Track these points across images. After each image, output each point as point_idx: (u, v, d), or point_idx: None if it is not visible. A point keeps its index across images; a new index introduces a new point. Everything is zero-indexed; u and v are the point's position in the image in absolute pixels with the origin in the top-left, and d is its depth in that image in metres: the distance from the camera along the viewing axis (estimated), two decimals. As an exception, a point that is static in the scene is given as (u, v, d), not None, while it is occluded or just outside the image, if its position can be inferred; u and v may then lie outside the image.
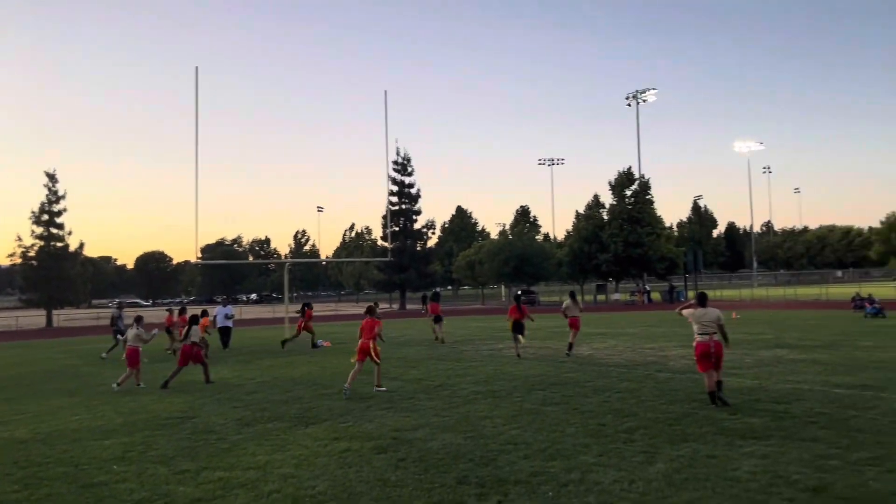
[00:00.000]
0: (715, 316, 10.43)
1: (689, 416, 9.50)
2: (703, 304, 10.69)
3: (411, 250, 63.54)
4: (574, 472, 7.09)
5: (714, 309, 10.55)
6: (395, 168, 64.76)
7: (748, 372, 13.71)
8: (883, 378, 12.28)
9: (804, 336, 22.14)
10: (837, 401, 10.22)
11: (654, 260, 63.42)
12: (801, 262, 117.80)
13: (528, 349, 20.14)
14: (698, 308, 10.66)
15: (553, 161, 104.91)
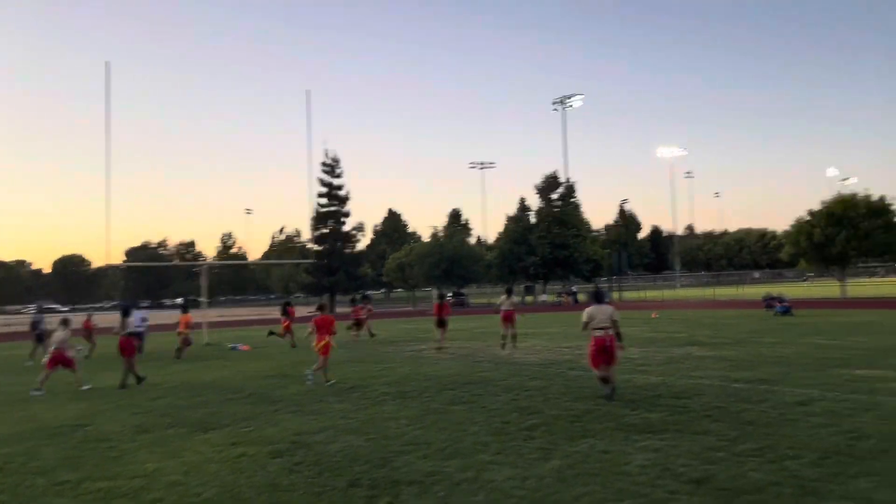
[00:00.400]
0: (610, 312, 10.85)
1: (591, 413, 9.62)
2: (599, 302, 11.07)
3: (340, 252, 62.85)
4: (469, 470, 7.04)
5: (609, 306, 11.03)
6: (324, 169, 64.02)
7: (656, 369, 14.06)
8: (779, 372, 12.77)
9: (716, 334, 22.89)
10: (734, 395, 10.54)
11: (580, 262, 64.69)
12: (720, 264, 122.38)
13: (449, 349, 20.16)
14: (594, 305, 11.00)
15: (484, 164, 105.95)
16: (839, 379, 11.71)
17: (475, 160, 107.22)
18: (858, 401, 9.63)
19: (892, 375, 11.90)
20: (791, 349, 16.93)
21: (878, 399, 9.70)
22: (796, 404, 9.58)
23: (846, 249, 51.57)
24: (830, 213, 53.32)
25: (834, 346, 17.22)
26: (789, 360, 14.74)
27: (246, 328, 40.54)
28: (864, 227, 51.47)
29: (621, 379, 12.67)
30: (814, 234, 53.07)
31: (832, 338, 19.93)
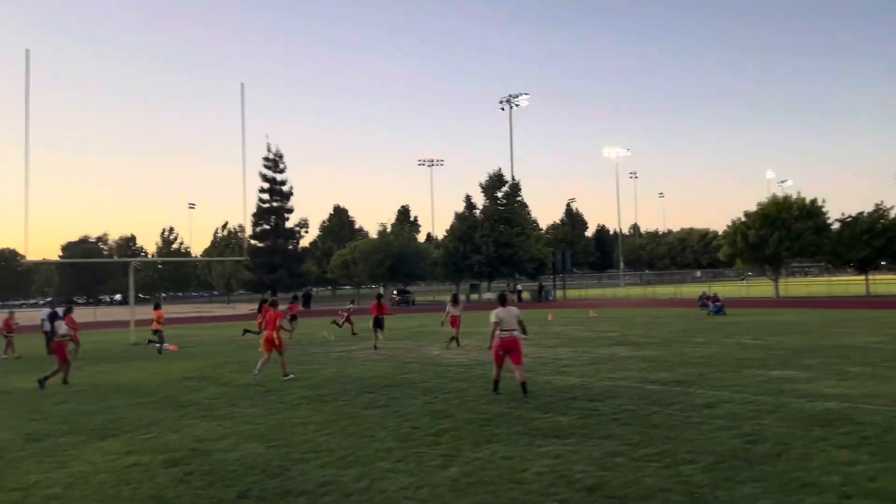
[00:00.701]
0: (516, 314, 11.26)
1: (503, 416, 9.53)
2: (503, 304, 11.49)
3: (282, 249, 61.86)
4: (365, 479, 6.85)
5: (515, 308, 11.47)
6: (266, 164, 62.90)
7: (578, 370, 14.09)
8: (697, 373, 12.93)
9: (647, 333, 23.23)
10: (647, 397, 10.60)
11: (525, 260, 65.16)
12: (663, 263, 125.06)
13: (381, 350, 19.95)
14: (501, 308, 11.35)
15: (433, 162, 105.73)
16: (752, 380, 11.91)
17: (423, 158, 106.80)
18: (764, 403, 9.77)
19: (802, 377, 12.17)
20: (714, 349, 17.24)
21: (784, 401, 9.87)
22: (704, 406, 9.67)
23: (779, 250, 53.14)
24: (765, 215, 54.86)
25: (756, 347, 17.61)
26: (709, 360, 14.98)
27: (181, 326, 39.51)
28: (796, 228, 53.13)
29: (542, 381, 12.68)
30: (749, 235, 54.55)
31: (757, 338, 20.41)
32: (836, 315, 31.23)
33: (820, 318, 29.17)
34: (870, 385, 10.98)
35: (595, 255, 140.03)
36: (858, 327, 23.20)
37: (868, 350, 16.08)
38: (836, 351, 16.03)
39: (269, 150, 63.07)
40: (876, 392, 10.33)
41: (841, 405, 9.41)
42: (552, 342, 20.74)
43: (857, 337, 19.58)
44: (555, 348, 18.88)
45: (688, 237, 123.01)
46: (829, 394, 10.33)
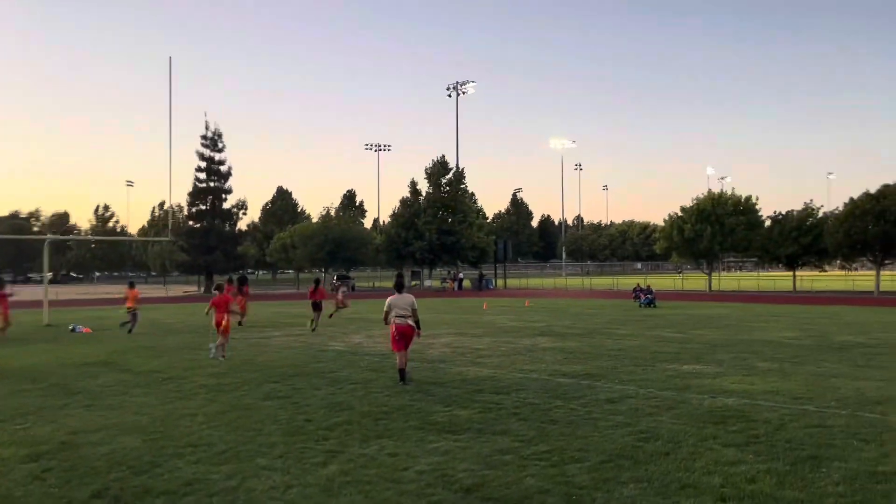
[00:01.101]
0: (409, 301, 11.33)
1: (402, 409, 9.22)
2: (399, 290, 11.52)
3: (219, 231, 60.26)
4: (236, 477, 6.44)
5: (409, 295, 11.54)
6: (204, 143, 61.02)
7: (493, 361, 13.90)
8: (610, 367, 12.88)
9: (574, 324, 23.32)
10: (553, 391, 10.44)
11: (466, 248, 65.08)
12: (604, 254, 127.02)
13: (303, 336, 19.44)
14: (395, 295, 11.43)
15: (380, 147, 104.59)
16: (662, 375, 11.91)
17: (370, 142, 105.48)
18: (667, 399, 9.72)
19: (711, 371, 12.23)
20: (634, 342, 17.32)
21: (686, 397, 9.84)
22: (607, 402, 9.55)
23: (712, 245, 54.36)
24: (700, 210, 56.01)
25: (676, 340, 17.78)
26: (626, 353, 15.00)
27: (99, 308, 38.06)
28: (729, 223, 54.42)
29: (453, 372, 12.44)
30: (685, 230, 55.64)
31: (679, 330, 20.66)
32: (761, 309, 32.04)
33: (745, 313, 29.84)
34: (772, 381, 11.07)
35: (539, 245, 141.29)
36: (779, 322, 23.77)
37: (781, 345, 16.37)
38: (751, 346, 16.27)
39: (207, 129, 61.18)
40: (777, 388, 10.40)
41: (740, 402, 9.41)
42: (477, 331, 20.58)
43: (775, 332, 19.99)
44: (478, 338, 18.71)
45: (628, 230, 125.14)
46: (731, 390, 10.35)
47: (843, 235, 47.27)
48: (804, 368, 12.48)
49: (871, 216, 46.25)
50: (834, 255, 51.11)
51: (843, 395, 9.81)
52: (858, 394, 9.87)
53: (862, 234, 46.32)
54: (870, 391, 10.07)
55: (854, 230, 46.62)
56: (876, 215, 46.11)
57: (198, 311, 31.22)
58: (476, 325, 23.24)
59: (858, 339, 17.97)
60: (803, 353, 14.73)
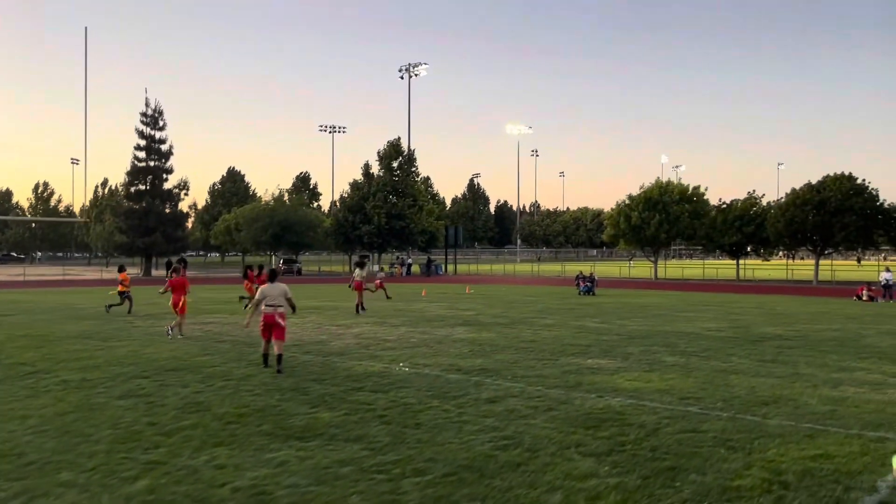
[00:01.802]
0: (281, 290, 11.53)
1: (263, 411, 8.50)
2: (272, 280, 11.76)
3: (158, 211, 58.35)
4: (22, 497, 5.65)
5: (282, 284, 11.72)
6: (143, 120, 58.90)
7: (393, 354, 13.21)
8: (511, 361, 12.32)
9: (504, 312, 22.81)
10: (437, 388, 9.82)
11: (416, 233, 64.35)
12: (558, 241, 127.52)
13: (210, 324, 18.52)
14: (268, 284, 11.69)
15: (335, 128, 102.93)
16: (560, 370, 11.39)
17: (325, 123, 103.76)
18: (550, 398, 9.17)
19: (612, 367, 11.76)
20: (553, 333, 16.85)
21: (571, 396, 9.31)
22: (487, 401, 8.97)
23: (658, 233, 54.59)
24: (647, 198, 56.17)
25: (596, 331, 17.36)
26: (538, 345, 14.49)
27: (26, 290, 36.37)
28: (675, 212, 54.69)
29: (344, 366, 11.76)
30: (632, 217, 55.77)
31: (604, 320, 20.30)
32: (698, 298, 32.05)
33: (681, 302, 29.77)
34: (670, 378, 10.64)
35: (495, 230, 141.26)
36: (708, 312, 23.64)
37: (699, 337, 16.06)
38: (667, 338, 15.93)
39: (147, 106, 59.03)
40: (671, 387, 9.95)
41: (625, 402, 8.92)
42: (397, 321, 19.90)
43: (700, 322, 19.77)
44: (395, 328, 18.03)
45: (582, 216, 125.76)
46: (623, 388, 9.87)
47: (784, 225, 47.85)
48: (709, 364, 12.11)
49: (810, 207, 46.89)
50: (775, 244, 51.75)
51: (734, 394, 9.39)
52: (750, 393, 9.48)
53: (802, 224, 46.94)
54: (763, 390, 9.69)
55: (794, 220, 47.23)
56: (815, 206, 46.77)
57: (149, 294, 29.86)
58: (402, 313, 22.56)
59: (779, 330, 17.81)
60: (716, 347, 14.42)
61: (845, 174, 48.09)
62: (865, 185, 47.04)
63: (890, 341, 15.55)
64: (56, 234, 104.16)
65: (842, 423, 7.78)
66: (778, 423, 7.76)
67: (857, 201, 45.59)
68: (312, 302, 26.94)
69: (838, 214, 45.98)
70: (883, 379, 10.65)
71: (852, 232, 45.28)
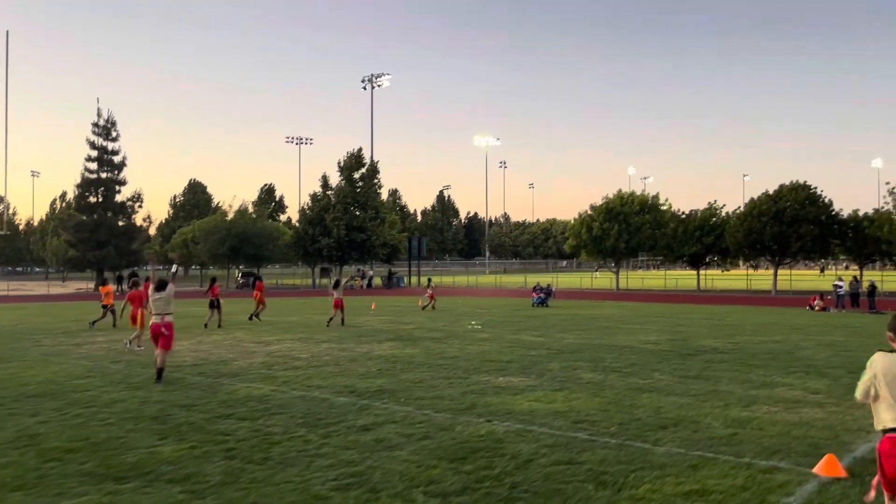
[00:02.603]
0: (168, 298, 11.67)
1: (101, 445, 7.49)
2: (160, 289, 11.75)
3: (110, 224, 56.68)
4: None
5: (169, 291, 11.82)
6: (96, 131, 57.33)
7: (292, 374, 12.23)
8: (413, 380, 11.43)
9: (444, 326, 21.94)
10: (315, 414, 8.88)
11: (377, 245, 63.32)
12: (527, 252, 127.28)
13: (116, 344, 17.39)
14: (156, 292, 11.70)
15: (301, 140, 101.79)
16: (464, 390, 10.54)
17: (292, 135, 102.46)
18: (435, 423, 8.30)
19: (522, 386, 10.93)
20: (482, 347, 16.03)
21: (458, 421, 8.45)
22: (360, 429, 8.05)
23: (619, 243, 54.27)
24: (608, 209, 55.89)
25: (530, 345, 16.57)
26: (456, 361, 13.64)
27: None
28: (635, 222, 54.44)
29: (229, 389, 10.78)
30: (593, 228, 55.41)
31: (543, 333, 19.55)
32: (652, 309, 31.53)
33: (632, 313, 29.19)
34: (576, 398, 9.83)
35: (465, 242, 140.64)
36: (655, 324, 23.02)
37: (631, 351, 15.34)
38: (599, 352, 15.18)
39: (99, 116, 57.51)
40: (572, 408, 9.14)
41: (512, 427, 8.09)
42: (326, 336, 18.93)
43: (641, 335, 19.09)
44: (318, 344, 17.06)
45: (551, 227, 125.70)
46: (518, 410, 9.04)
47: (743, 235, 47.73)
48: (626, 381, 11.35)
49: (768, 217, 46.81)
50: (735, 254, 51.62)
51: (635, 416, 8.61)
52: (653, 414, 8.70)
53: (760, 234, 46.83)
54: (670, 410, 8.93)
55: (753, 230, 47.11)
56: (772, 216, 46.71)
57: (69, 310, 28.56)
58: (338, 328, 21.61)
59: (718, 343, 17.18)
60: (644, 361, 13.69)
61: (801, 183, 48.21)
62: (819, 194, 47.16)
63: (825, 353, 14.97)
64: (11, 249, 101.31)
65: (737, 449, 7.03)
66: (666, 451, 6.98)
67: (811, 210, 45.64)
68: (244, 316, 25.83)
69: (794, 224, 45.99)
70: (802, 396, 9.96)
71: (808, 241, 45.25)
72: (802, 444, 7.21)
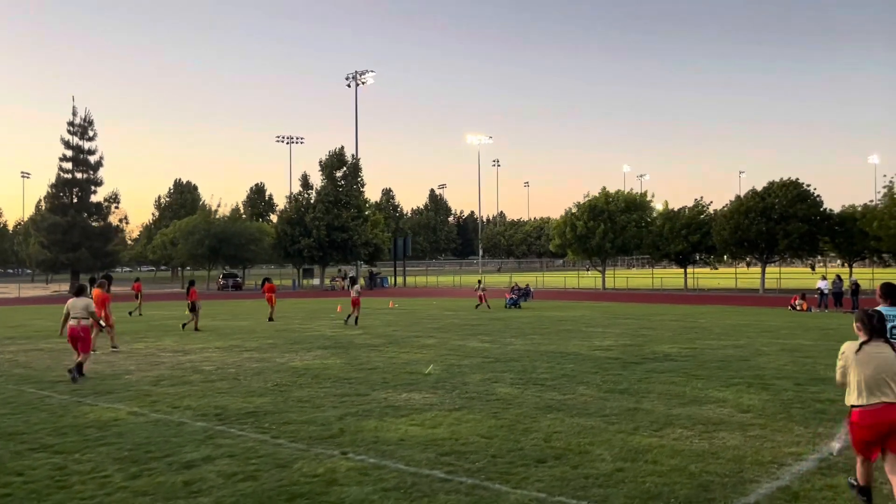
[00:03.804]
0: (85, 304, 12.03)
1: None
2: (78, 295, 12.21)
3: (83, 225, 55.46)
4: None
5: (85, 299, 12.20)
6: (71, 130, 56.14)
7: (180, 391, 10.93)
8: (301, 399, 10.13)
9: (394, 332, 20.71)
10: (150, 444, 7.59)
11: (359, 245, 62.12)
12: (521, 250, 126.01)
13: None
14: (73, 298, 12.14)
15: (292, 139, 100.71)
16: (349, 410, 9.24)
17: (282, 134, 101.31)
18: (278, 458, 7.00)
19: (417, 404, 9.64)
20: (414, 356, 14.78)
21: (306, 454, 7.14)
22: (184, 467, 6.73)
23: (604, 242, 53.00)
24: (592, 207, 54.62)
25: (469, 352, 15.33)
26: (371, 374, 12.37)
27: None
28: (620, 220, 53.17)
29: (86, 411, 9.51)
30: (577, 227, 54.14)
31: (494, 339, 18.34)
32: (627, 310, 30.32)
33: (604, 314, 27.97)
34: (467, 422, 8.52)
35: (458, 241, 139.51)
36: (619, 326, 21.80)
37: (578, 359, 14.05)
38: (538, 360, 13.90)
39: (74, 115, 56.29)
40: (452, 434, 7.83)
41: (365, 461, 6.78)
42: (255, 344, 17.65)
43: (599, 339, 17.84)
44: (239, 353, 15.79)
45: (545, 225, 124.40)
46: (387, 439, 7.72)
47: (730, 233, 46.44)
48: (542, 397, 10.06)
49: (755, 213, 45.51)
50: (722, 252, 50.31)
51: (519, 446, 7.30)
52: (541, 443, 7.40)
53: (746, 231, 45.52)
54: (565, 438, 7.62)
55: (739, 228, 45.82)
56: (760, 213, 45.41)
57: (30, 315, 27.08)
58: (278, 334, 20.38)
59: (675, 348, 15.91)
60: (580, 372, 12.42)
61: (792, 180, 46.87)
62: (809, 191, 45.87)
63: (782, 361, 13.69)
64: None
65: (607, 494, 5.74)
66: (521, 497, 5.69)
67: (800, 208, 44.34)
68: (208, 321, 24.60)
69: (782, 221, 44.70)
70: (728, 416, 8.69)
71: (795, 239, 43.96)
72: (692, 484, 5.94)
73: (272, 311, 25.71)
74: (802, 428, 8.01)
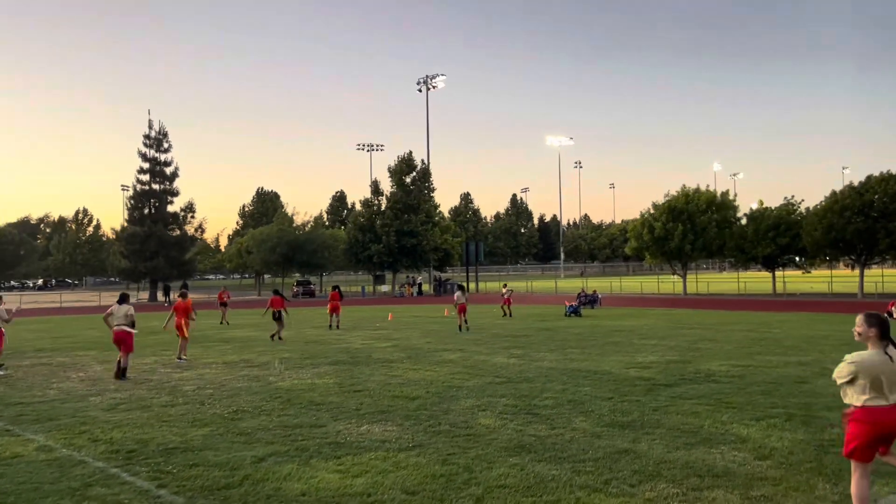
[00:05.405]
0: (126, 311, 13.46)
1: None
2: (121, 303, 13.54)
3: (160, 235, 57.05)
4: None
5: (127, 305, 13.52)
6: (147, 143, 57.98)
7: (112, 419, 9.90)
8: (233, 434, 8.82)
9: (426, 344, 19.36)
10: (50, 489, 6.52)
11: (427, 251, 61.18)
12: (604, 254, 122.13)
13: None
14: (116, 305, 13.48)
15: (372, 147, 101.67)
16: (283, 448, 7.91)
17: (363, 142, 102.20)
18: None
19: (374, 439, 8.19)
20: (420, 375, 13.36)
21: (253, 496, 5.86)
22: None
23: (683, 244, 49.83)
24: (671, 207, 51.54)
25: (488, 371, 13.78)
26: (348, 398, 11.03)
27: None
28: (701, 221, 49.88)
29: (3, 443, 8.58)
30: (655, 228, 51.20)
31: (525, 354, 16.68)
32: (699, 319, 27.73)
33: (670, 323, 25.61)
34: (411, 465, 6.99)
35: (539, 246, 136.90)
36: (675, 339, 19.55)
37: (605, 380, 12.24)
38: (553, 381, 12.17)
39: (150, 128, 58.12)
40: (376, 485, 6.35)
41: None
42: (264, 359, 16.66)
43: (644, 355, 15.84)
44: (241, 370, 14.80)
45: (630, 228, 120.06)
46: (288, 493, 6.34)
47: (822, 233, 42.47)
48: (526, 430, 8.42)
49: (852, 211, 41.40)
50: (814, 255, 46.10)
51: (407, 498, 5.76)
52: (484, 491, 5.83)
53: (842, 231, 41.47)
54: (506, 497, 6.01)
55: (833, 227, 41.81)
56: (857, 210, 41.27)
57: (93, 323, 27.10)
58: (301, 347, 19.42)
59: (724, 366, 13.76)
60: (591, 398, 10.63)
61: (893, 173, 42.38)
62: (916, 184, 41.30)
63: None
64: (96, 260, 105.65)
65: None
66: None
67: (904, 203, 39.99)
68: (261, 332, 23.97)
69: (883, 219, 40.46)
70: (740, 464, 6.75)
71: (898, 238, 39.66)
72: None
73: (334, 320, 25.49)
74: (829, 486, 6.06)
